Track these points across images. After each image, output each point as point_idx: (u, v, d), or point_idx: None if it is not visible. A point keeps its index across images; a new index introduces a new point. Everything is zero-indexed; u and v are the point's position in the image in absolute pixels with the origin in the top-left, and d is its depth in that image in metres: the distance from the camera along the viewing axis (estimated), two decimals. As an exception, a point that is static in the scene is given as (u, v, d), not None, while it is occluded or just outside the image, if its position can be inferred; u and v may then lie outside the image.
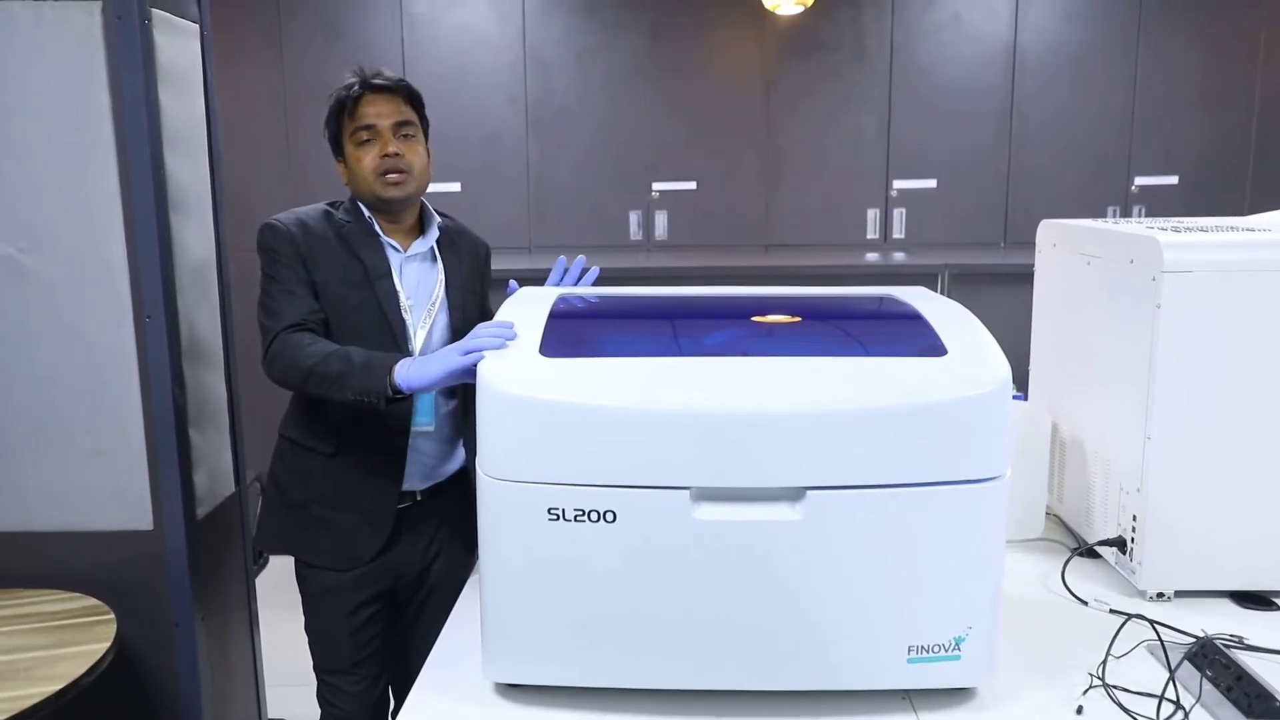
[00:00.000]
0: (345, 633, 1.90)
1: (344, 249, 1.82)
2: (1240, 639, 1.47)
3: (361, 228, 1.85)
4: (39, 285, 2.02)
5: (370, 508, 1.85)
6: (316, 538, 1.88)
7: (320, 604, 1.91)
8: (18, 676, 1.77)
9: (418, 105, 1.89)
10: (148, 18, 1.98)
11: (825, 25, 4.92)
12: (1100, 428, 1.79)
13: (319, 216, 1.85)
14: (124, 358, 2.03)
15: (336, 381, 1.64)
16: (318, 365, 1.66)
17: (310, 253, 1.80)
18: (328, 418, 1.83)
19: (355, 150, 1.83)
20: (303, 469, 1.88)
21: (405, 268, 1.88)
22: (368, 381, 1.61)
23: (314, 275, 1.79)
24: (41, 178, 1.99)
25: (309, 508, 1.87)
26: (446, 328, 1.89)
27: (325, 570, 1.88)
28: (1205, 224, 1.78)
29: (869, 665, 1.28)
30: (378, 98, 1.83)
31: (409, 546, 1.91)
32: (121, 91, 1.95)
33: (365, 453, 1.83)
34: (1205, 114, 4.93)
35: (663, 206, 5.02)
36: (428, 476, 1.90)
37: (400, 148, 1.82)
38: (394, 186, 1.82)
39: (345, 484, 1.85)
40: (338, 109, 1.85)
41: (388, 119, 1.82)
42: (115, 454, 2.07)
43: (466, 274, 1.95)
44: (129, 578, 2.08)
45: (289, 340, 1.71)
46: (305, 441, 1.87)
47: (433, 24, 4.90)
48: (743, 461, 1.22)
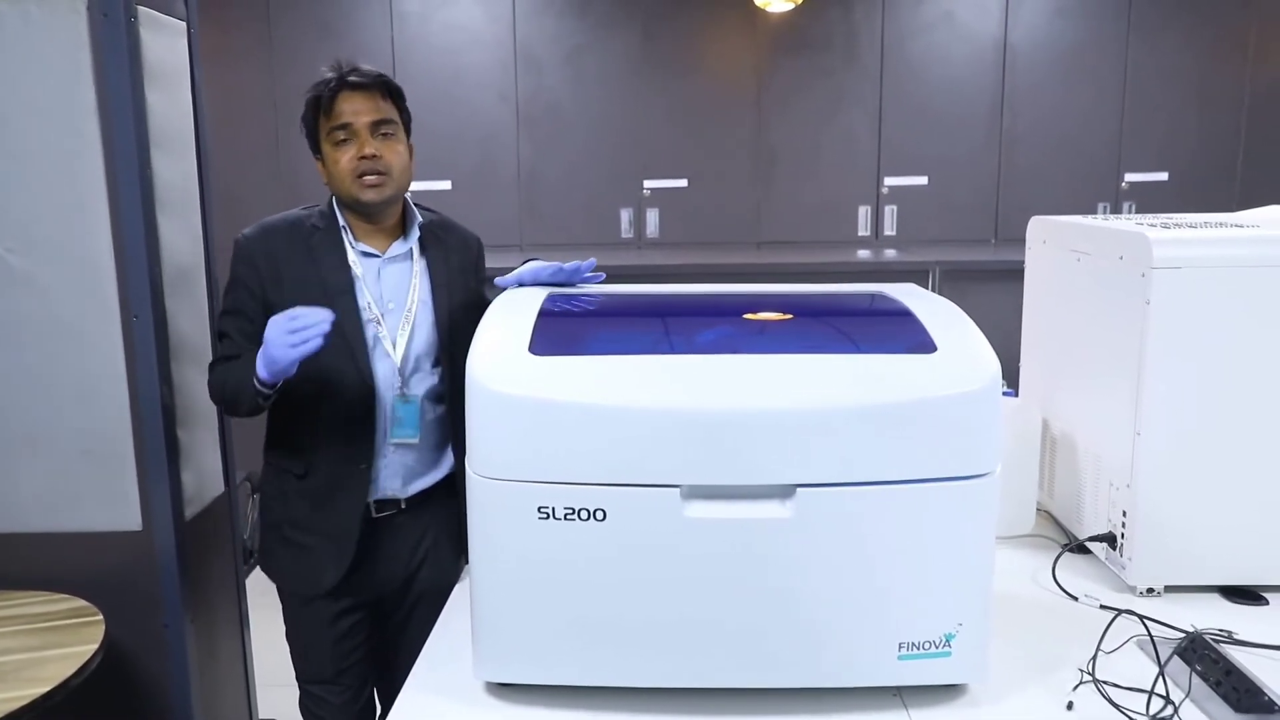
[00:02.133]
0: (327, 643, 1.86)
1: (310, 263, 1.77)
2: (1229, 634, 1.48)
3: (332, 238, 1.79)
4: (25, 285, 2.00)
5: (335, 529, 1.80)
6: (284, 561, 1.85)
7: (300, 614, 1.88)
8: (5, 678, 1.76)
9: (398, 100, 1.81)
10: (134, 15, 1.96)
11: (816, 23, 4.92)
12: (1090, 424, 1.79)
13: (292, 225, 1.80)
14: (111, 358, 2.02)
15: (236, 401, 1.72)
16: (224, 393, 1.75)
17: (272, 272, 1.75)
18: (296, 439, 1.80)
19: (332, 150, 1.76)
20: (280, 490, 1.85)
21: (385, 271, 1.81)
22: (246, 389, 1.67)
23: (271, 296, 1.74)
24: (28, 177, 1.97)
25: (281, 528, 1.85)
26: (432, 329, 1.82)
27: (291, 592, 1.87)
28: (1195, 220, 1.78)
29: (860, 662, 1.28)
30: (354, 95, 1.75)
31: (391, 556, 1.86)
32: (108, 90, 1.94)
33: (331, 474, 1.79)
34: (1195, 111, 4.95)
35: (654, 204, 5.02)
36: (412, 484, 1.85)
37: (378, 148, 1.75)
38: (372, 189, 1.75)
39: (313, 506, 1.80)
40: (314, 106, 1.78)
41: (365, 117, 1.75)
42: (103, 454, 2.05)
43: (455, 271, 1.88)
44: (117, 579, 2.07)
45: (214, 375, 1.79)
46: (279, 463, 1.85)
47: (423, 22, 4.89)
48: (733, 459, 1.21)
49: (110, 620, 1.96)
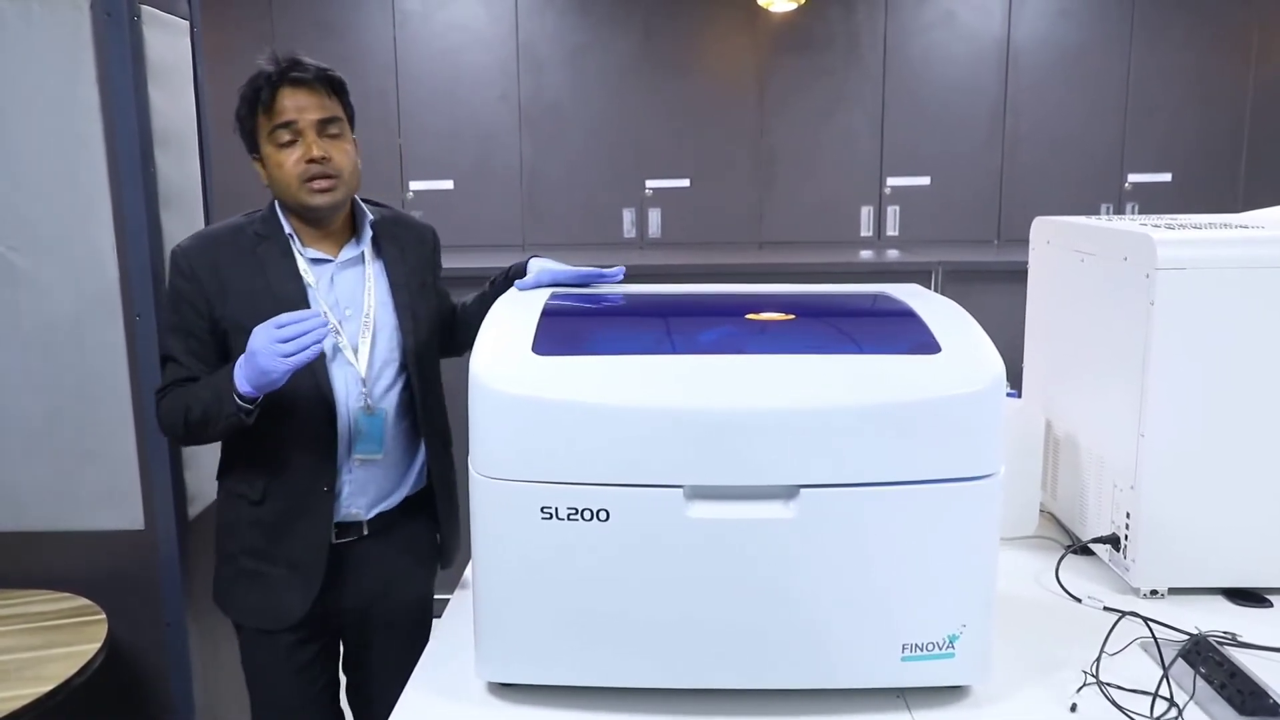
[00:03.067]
0: (288, 675, 1.75)
1: (258, 274, 1.64)
2: (1233, 636, 1.47)
3: (278, 246, 1.66)
4: (29, 283, 2.00)
5: (299, 557, 1.68)
6: (247, 594, 1.73)
7: (257, 648, 1.76)
8: (8, 677, 1.76)
9: (343, 95, 1.68)
10: (137, 14, 1.97)
11: (818, 22, 4.91)
12: (1094, 425, 1.79)
13: (234, 233, 1.67)
14: (114, 357, 2.03)
15: (208, 421, 1.58)
16: (187, 418, 1.60)
17: (216, 285, 1.63)
18: (251, 461, 1.68)
19: (275, 151, 1.62)
20: (234, 518, 1.73)
21: (338, 277, 1.70)
22: (226, 406, 1.54)
23: (218, 312, 1.63)
24: (31, 175, 1.98)
25: (238, 560, 1.73)
26: (394, 333, 1.72)
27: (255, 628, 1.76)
28: (1199, 221, 1.78)
29: (863, 663, 1.28)
30: (298, 91, 1.61)
31: (355, 584, 1.75)
32: (110, 89, 1.94)
33: (291, 497, 1.67)
34: (1198, 111, 4.94)
35: (656, 204, 5.02)
36: (376, 505, 1.74)
37: (326, 148, 1.62)
38: (322, 194, 1.63)
39: (273, 533, 1.69)
40: (251, 102, 1.63)
41: (310, 115, 1.61)
42: (106, 454, 2.06)
43: (413, 269, 1.77)
44: (120, 578, 2.07)
45: (160, 407, 1.67)
46: (234, 488, 1.73)
47: (425, 21, 4.88)
48: (736, 460, 1.21)
49: (112, 619, 1.97)
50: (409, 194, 4.87)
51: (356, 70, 4.87)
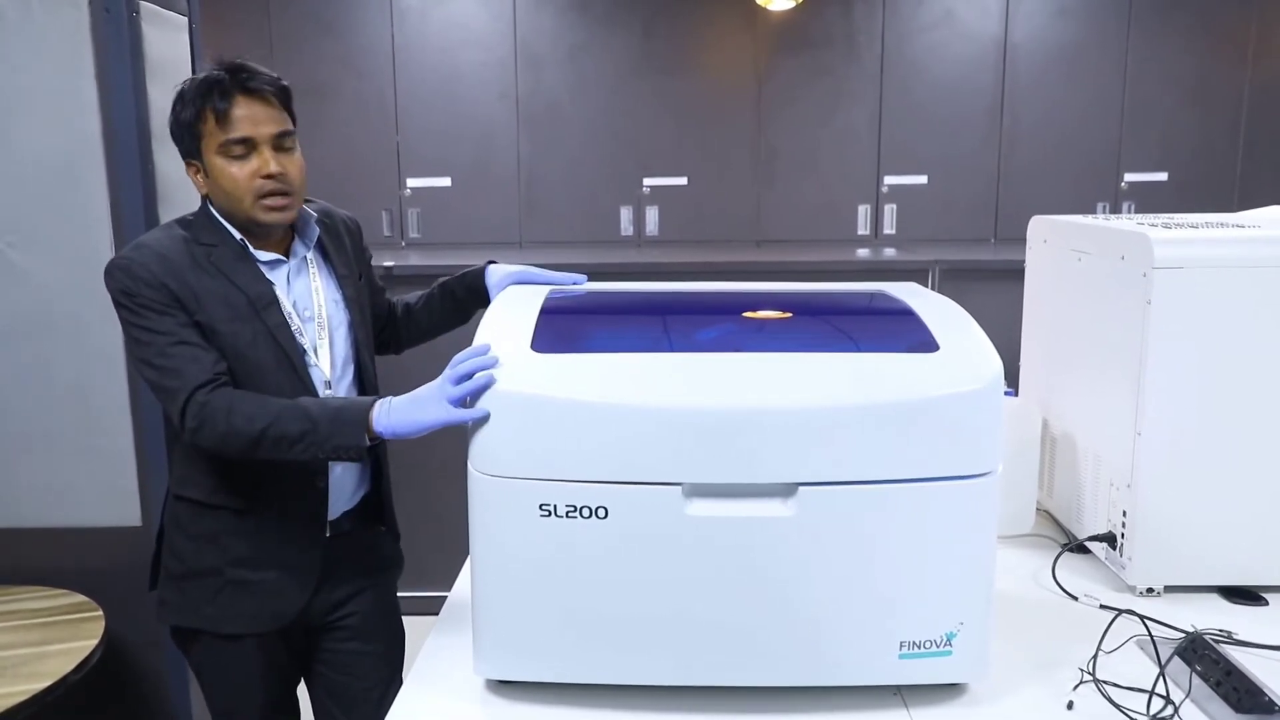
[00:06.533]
0: (255, 676, 1.70)
1: (221, 279, 1.56)
2: (1229, 634, 1.48)
3: (232, 251, 1.58)
4: (26, 280, 2.00)
5: (293, 559, 1.65)
6: (233, 603, 1.64)
7: (223, 652, 1.68)
8: (5, 674, 1.76)
9: (290, 104, 1.62)
10: (135, 10, 1.97)
11: (817, 21, 4.92)
12: (1091, 423, 1.79)
13: (177, 245, 1.56)
14: (111, 353, 2.02)
15: (299, 442, 1.44)
16: (270, 429, 1.44)
17: (184, 291, 1.52)
18: (237, 471, 1.60)
19: (224, 163, 1.54)
20: (209, 532, 1.64)
21: (295, 280, 1.64)
22: (340, 438, 1.43)
23: (197, 317, 1.53)
24: (29, 171, 1.97)
25: (223, 572, 1.64)
26: (348, 330, 1.69)
27: (221, 635, 1.66)
28: (1196, 220, 1.78)
29: (861, 661, 1.28)
30: (252, 102, 1.54)
31: (335, 580, 1.71)
32: (109, 85, 1.94)
33: (282, 501, 1.63)
34: (1195, 111, 4.95)
35: (654, 202, 5.02)
36: (351, 499, 1.72)
37: (282, 163, 1.56)
38: (277, 212, 1.57)
39: (262, 539, 1.63)
40: (197, 106, 1.54)
41: (266, 129, 1.55)
42: (103, 450, 2.06)
43: (351, 260, 1.73)
44: (117, 574, 2.07)
45: (214, 404, 1.47)
46: (209, 500, 1.63)
47: (423, 19, 4.88)
48: (735, 457, 1.21)
49: (110, 615, 1.97)
50: (406, 191, 4.86)
51: (354, 67, 4.89)
